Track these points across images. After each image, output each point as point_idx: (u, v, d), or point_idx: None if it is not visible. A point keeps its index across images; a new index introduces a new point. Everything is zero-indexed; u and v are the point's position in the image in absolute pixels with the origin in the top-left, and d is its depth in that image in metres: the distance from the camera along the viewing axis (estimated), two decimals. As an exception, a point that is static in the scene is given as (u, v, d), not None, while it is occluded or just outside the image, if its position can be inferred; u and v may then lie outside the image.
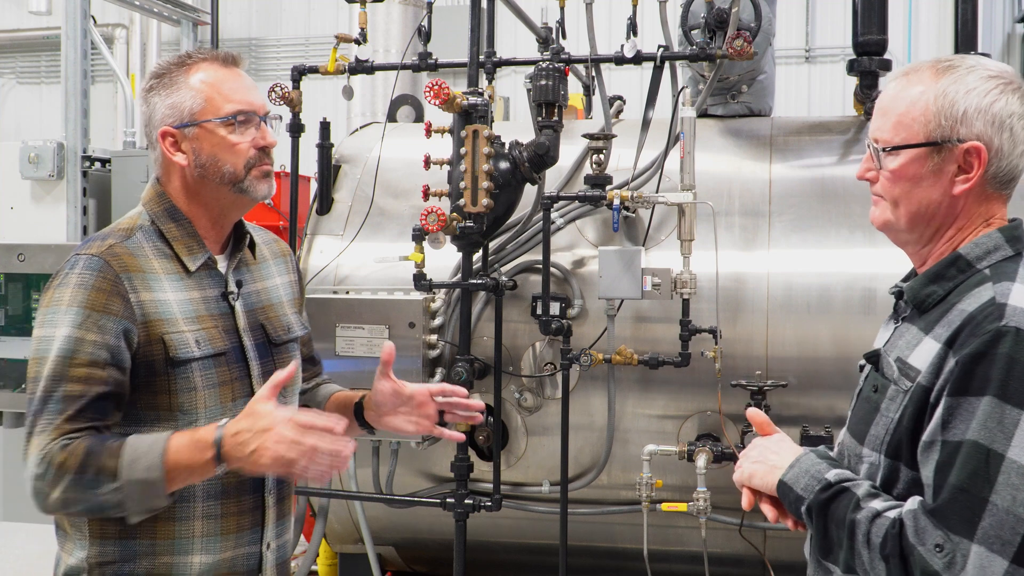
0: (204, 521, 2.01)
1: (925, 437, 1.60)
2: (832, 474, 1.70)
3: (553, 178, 4.00)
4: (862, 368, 1.91)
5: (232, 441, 1.83)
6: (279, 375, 1.89)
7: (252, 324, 2.12)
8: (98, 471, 1.83)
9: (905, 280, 1.85)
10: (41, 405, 1.91)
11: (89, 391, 1.89)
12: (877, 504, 1.62)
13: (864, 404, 1.80)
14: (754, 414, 1.94)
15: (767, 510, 1.83)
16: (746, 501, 1.87)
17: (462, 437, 2.34)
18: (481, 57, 3.95)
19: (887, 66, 4.11)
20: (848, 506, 1.63)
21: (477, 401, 2.29)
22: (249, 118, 2.07)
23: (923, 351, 1.67)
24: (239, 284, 2.13)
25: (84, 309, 1.92)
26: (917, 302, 1.74)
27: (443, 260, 3.81)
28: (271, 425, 1.81)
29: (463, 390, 2.25)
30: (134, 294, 1.96)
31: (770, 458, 1.82)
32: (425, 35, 4.07)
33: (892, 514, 1.59)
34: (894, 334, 1.81)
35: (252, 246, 2.21)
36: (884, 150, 1.74)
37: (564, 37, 4.11)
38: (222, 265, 2.13)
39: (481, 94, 3.56)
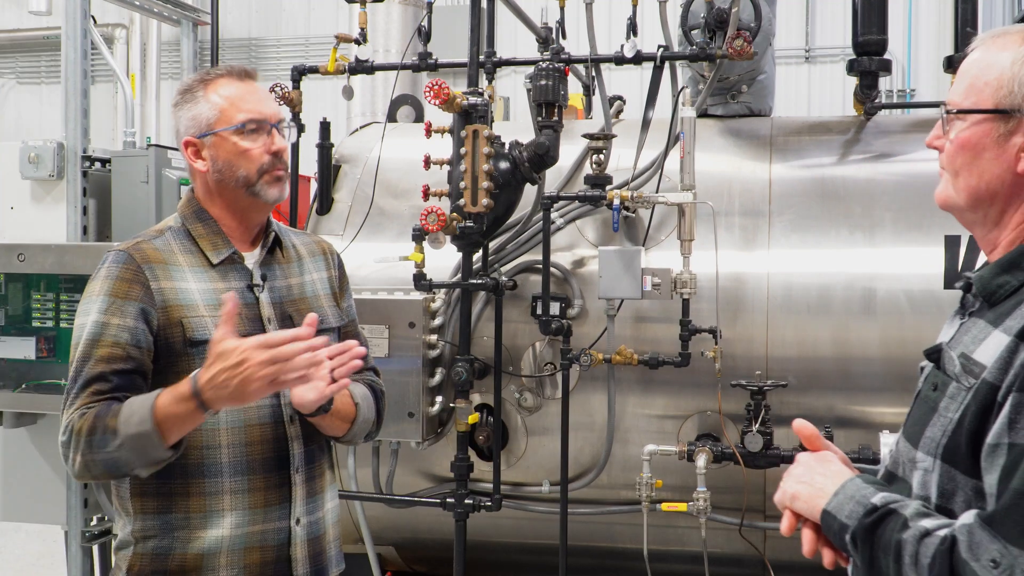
0: (232, 496, 2.19)
1: (990, 439, 1.44)
2: (878, 498, 1.55)
3: (553, 178, 4.00)
4: (922, 370, 1.75)
5: (210, 385, 1.98)
6: (226, 308, 2.02)
7: (280, 315, 2.30)
8: (103, 431, 2.05)
9: (976, 272, 1.69)
10: (72, 383, 2.15)
11: (111, 368, 2.12)
12: (927, 523, 1.46)
13: (922, 405, 1.64)
14: (802, 426, 1.77)
15: (807, 539, 1.66)
16: (786, 526, 1.69)
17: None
18: (481, 57, 3.95)
19: (887, 66, 4.12)
20: (895, 528, 1.48)
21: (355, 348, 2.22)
22: (260, 126, 2.26)
23: (991, 345, 1.51)
24: (264, 277, 2.31)
25: (109, 296, 2.17)
26: (987, 293, 1.59)
27: (443, 260, 3.81)
28: (243, 356, 1.96)
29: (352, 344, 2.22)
30: (155, 282, 2.19)
31: (817, 480, 1.66)
32: (425, 35, 4.07)
33: (943, 532, 1.43)
34: (959, 330, 1.65)
35: (279, 245, 2.39)
36: (950, 112, 1.62)
37: (564, 37, 4.11)
38: (250, 261, 2.32)
39: (481, 94, 3.56)
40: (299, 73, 4.24)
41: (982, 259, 1.74)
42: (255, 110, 2.27)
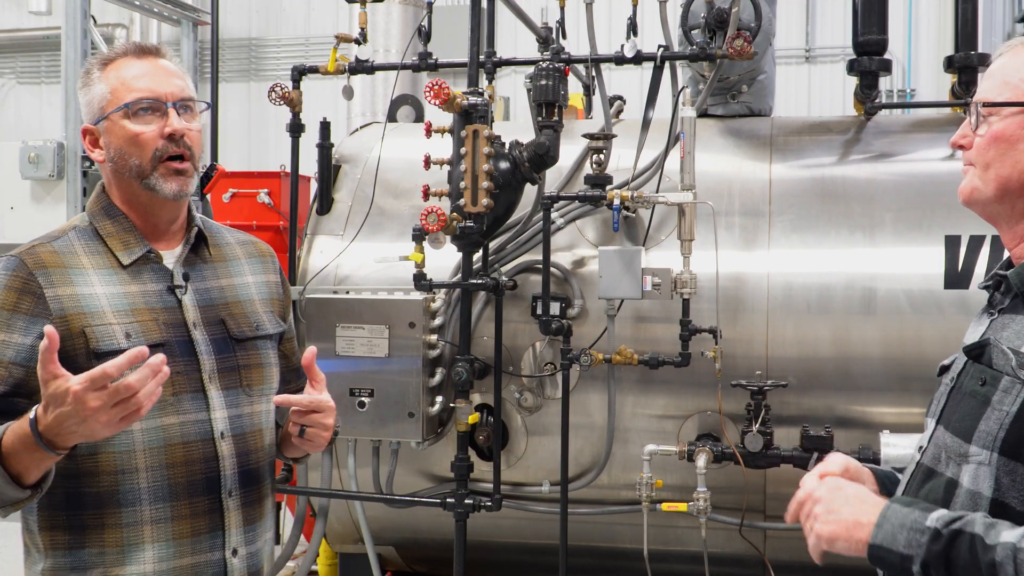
0: (153, 526, 1.93)
1: None
2: (932, 519, 1.52)
3: (553, 178, 4.00)
4: (944, 369, 1.78)
5: (53, 431, 1.71)
6: (43, 344, 1.68)
7: (209, 319, 2.05)
8: None
9: (1003, 269, 1.72)
10: None
11: None
12: (1008, 536, 1.45)
13: (969, 399, 1.63)
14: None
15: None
16: (818, 555, 1.64)
17: None
18: (481, 57, 3.95)
19: (887, 66, 4.12)
20: (972, 548, 1.47)
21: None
22: (154, 105, 2.00)
23: None
24: (186, 277, 2.06)
25: None
26: None
27: (443, 260, 3.81)
28: (76, 401, 1.67)
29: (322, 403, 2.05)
30: (50, 289, 1.92)
31: (844, 512, 1.61)
32: (425, 35, 4.07)
33: None
34: (991, 327, 1.68)
35: (204, 242, 2.13)
36: (984, 105, 1.67)
37: (564, 37, 4.11)
38: (170, 260, 2.06)
39: (481, 94, 3.56)
40: (299, 73, 4.24)
41: (983, 258, 1.76)
42: (146, 88, 1.99)
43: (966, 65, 4.12)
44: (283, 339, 2.24)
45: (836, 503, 1.62)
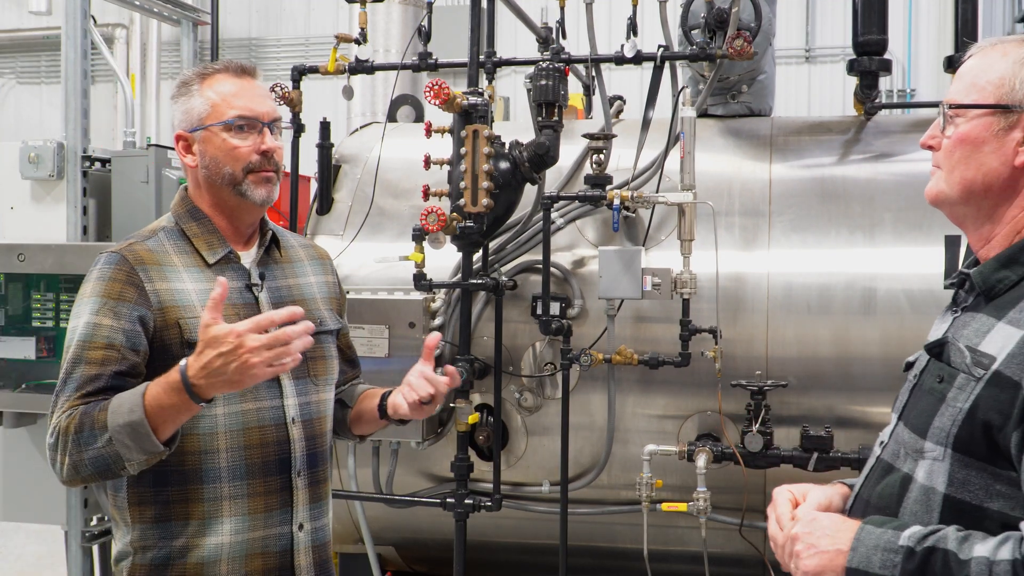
0: (231, 502, 2.13)
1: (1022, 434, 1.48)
2: (905, 537, 1.53)
3: (553, 178, 4.00)
4: (909, 365, 1.82)
5: (203, 373, 1.88)
6: (215, 292, 1.91)
7: None
8: (91, 426, 1.96)
9: (969, 268, 1.75)
10: (61, 386, 2.07)
11: (105, 370, 2.04)
12: (980, 550, 1.45)
13: (927, 396, 1.67)
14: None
15: None
16: None
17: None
18: (481, 57, 3.95)
19: (887, 66, 4.12)
20: (947, 565, 1.47)
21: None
22: (251, 123, 2.21)
23: (997, 338, 1.57)
24: (262, 277, 2.26)
25: (101, 298, 2.10)
26: (987, 288, 1.66)
27: (443, 260, 3.81)
28: (239, 341, 1.86)
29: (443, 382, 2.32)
30: (149, 284, 2.12)
31: (823, 542, 1.61)
32: (425, 35, 4.07)
33: (1006, 554, 1.43)
34: (954, 324, 1.71)
35: (277, 244, 2.35)
36: (952, 107, 1.68)
37: (564, 37, 4.11)
38: (247, 260, 2.27)
39: (481, 94, 3.56)
40: (299, 73, 4.24)
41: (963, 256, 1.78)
42: (247, 107, 2.21)
43: (966, 65, 4.11)
44: (339, 334, 2.46)
45: (814, 536, 1.63)
